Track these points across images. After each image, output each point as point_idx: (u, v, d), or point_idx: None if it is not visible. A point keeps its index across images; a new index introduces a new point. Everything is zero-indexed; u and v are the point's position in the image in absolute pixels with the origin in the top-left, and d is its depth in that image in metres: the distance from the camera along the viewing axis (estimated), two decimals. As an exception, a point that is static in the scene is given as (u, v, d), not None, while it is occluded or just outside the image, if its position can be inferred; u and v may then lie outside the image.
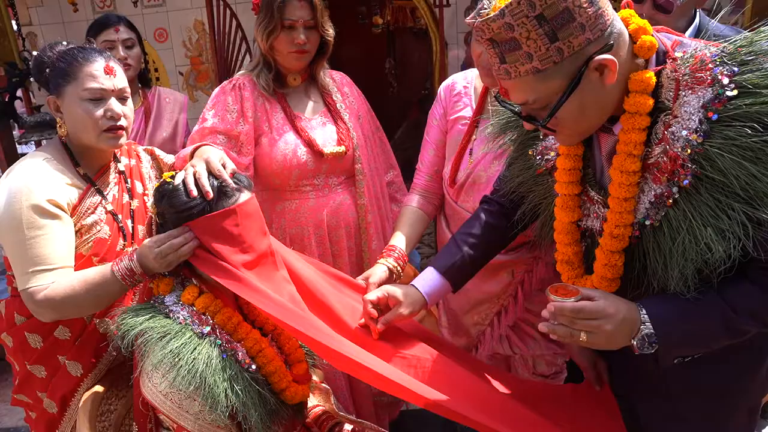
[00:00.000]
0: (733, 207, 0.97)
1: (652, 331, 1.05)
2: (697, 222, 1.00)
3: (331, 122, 2.02)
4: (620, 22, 1.04)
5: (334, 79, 2.10)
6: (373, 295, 1.43)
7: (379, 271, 1.61)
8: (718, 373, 1.19)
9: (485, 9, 1.00)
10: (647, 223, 1.08)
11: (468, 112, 1.82)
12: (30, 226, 1.40)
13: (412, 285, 1.46)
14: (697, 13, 1.77)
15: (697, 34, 1.70)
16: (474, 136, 1.79)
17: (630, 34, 1.05)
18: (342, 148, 1.96)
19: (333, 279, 1.59)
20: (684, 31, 1.72)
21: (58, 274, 1.42)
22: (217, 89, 1.99)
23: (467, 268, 1.49)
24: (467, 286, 1.89)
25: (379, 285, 1.55)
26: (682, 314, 1.05)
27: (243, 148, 1.91)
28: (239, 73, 2.06)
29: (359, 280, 1.61)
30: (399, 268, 1.67)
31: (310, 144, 1.93)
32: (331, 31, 1.93)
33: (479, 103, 1.78)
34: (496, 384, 1.43)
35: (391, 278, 1.63)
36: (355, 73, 2.17)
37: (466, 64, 3.76)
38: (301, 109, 2.01)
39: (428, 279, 1.46)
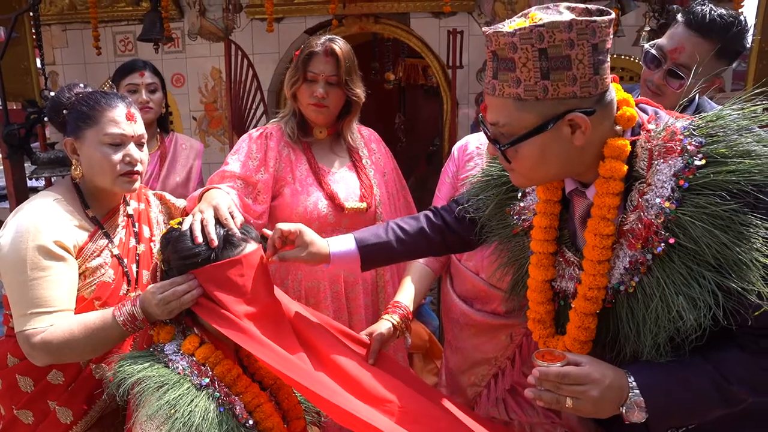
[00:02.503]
0: (704, 275, 0.99)
1: (641, 398, 1.04)
2: (670, 290, 1.02)
3: (355, 177, 2.02)
4: (613, 97, 1.07)
5: (362, 135, 2.12)
6: (286, 226, 1.43)
7: (383, 326, 1.59)
8: None
9: (503, 26, 1.04)
10: (621, 288, 1.10)
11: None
12: (34, 266, 1.38)
13: (327, 240, 1.47)
14: (696, 96, 1.81)
15: (695, 113, 1.74)
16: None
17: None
18: (363, 205, 1.96)
19: (337, 333, 1.56)
20: (684, 111, 1.76)
21: (57, 317, 1.39)
22: (245, 135, 2.02)
23: (382, 256, 1.51)
24: (465, 345, 1.88)
25: (383, 341, 1.53)
26: (672, 381, 1.04)
27: (259, 197, 1.92)
28: (272, 121, 2.09)
29: (363, 335, 1.59)
30: (403, 325, 1.64)
31: (331, 197, 1.93)
32: (358, 92, 1.95)
33: None
34: None
35: (395, 334, 1.61)
36: (365, 126, 2.20)
37: (476, 124, 3.83)
38: (326, 162, 2.02)
39: (343, 243, 1.48)
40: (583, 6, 1.04)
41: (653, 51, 1.70)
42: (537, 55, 0.99)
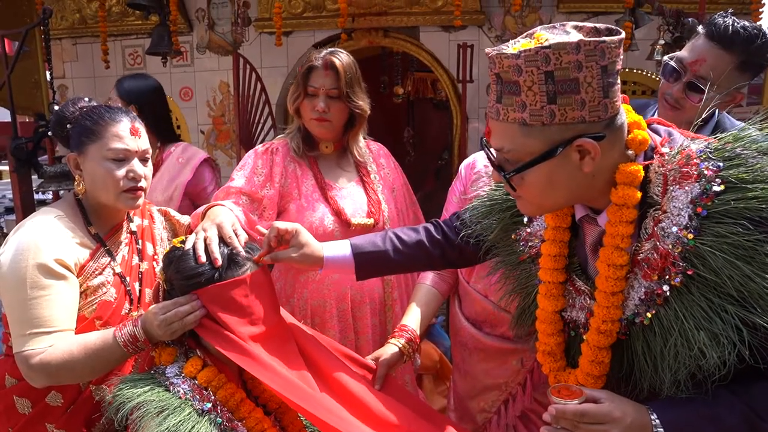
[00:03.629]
0: (726, 309, 0.93)
1: None
2: (690, 324, 0.96)
3: (362, 193, 1.98)
4: (624, 121, 1.03)
5: (371, 150, 2.09)
6: (283, 224, 1.39)
7: (389, 350, 1.55)
8: None
9: (507, 47, 0.99)
10: (636, 320, 1.05)
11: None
12: (33, 285, 1.35)
13: (322, 244, 1.43)
14: (716, 112, 1.75)
15: (714, 132, 1.68)
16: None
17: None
18: (371, 221, 1.92)
19: (342, 357, 1.52)
20: (702, 128, 1.70)
21: (57, 337, 1.36)
22: (250, 151, 2.00)
23: (378, 266, 1.46)
24: (474, 369, 1.83)
25: (390, 366, 1.50)
26: (698, 419, 0.98)
27: (265, 213, 1.88)
28: (278, 136, 2.06)
29: (369, 359, 1.55)
30: (410, 349, 1.60)
31: (338, 213, 1.90)
32: (361, 104, 1.91)
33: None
34: None
35: (402, 359, 1.57)
36: (374, 139, 2.16)
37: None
38: (333, 177, 1.99)
39: (338, 249, 1.43)
40: (591, 25, 1.00)
41: (672, 63, 1.65)
42: (543, 79, 0.94)
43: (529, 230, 1.28)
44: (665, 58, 1.67)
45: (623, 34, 0.97)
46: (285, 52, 3.92)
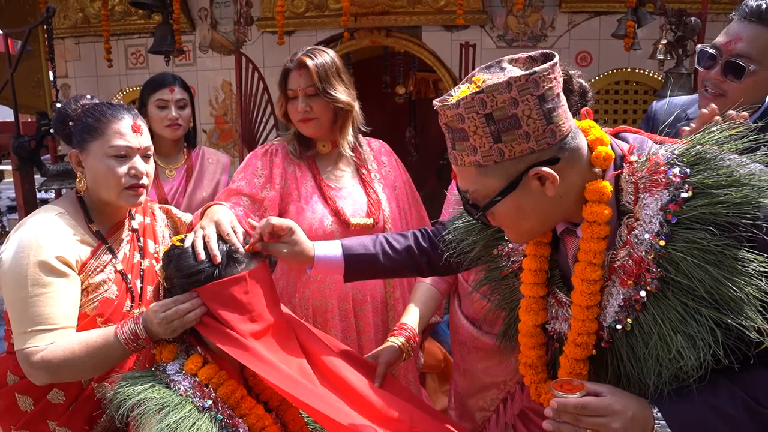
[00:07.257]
0: (700, 312, 0.96)
1: (667, 430, 0.99)
2: (667, 327, 0.99)
3: (362, 192, 1.97)
4: (580, 138, 1.04)
5: (372, 148, 2.08)
6: (278, 220, 1.40)
7: (389, 349, 1.55)
8: None
9: (450, 95, 1.03)
10: (618, 327, 1.06)
11: None
12: (34, 283, 1.35)
13: (314, 243, 1.44)
14: (766, 98, 1.64)
15: (762, 118, 1.60)
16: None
17: (588, 145, 1.07)
18: (370, 220, 1.91)
19: (342, 354, 1.52)
20: (752, 115, 1.61)
21: (58, 334, 1.36)
22: (251, 153, 2.00)
23: (367, 268, 1.48)
24: (473, 368, 1.84)
25: (389, 364, 1.50)
26: (700, 410, 0.99)
27: (266, 214, 1.87)
28: (278, 138, 2.07)
29: (368, 358, 1.55)
30: (410, 347, 1.60)
31: (337, 214, 1.89)
32: (339, 97, 1.86)
33: None
34: None
35: (401, 357, 1.57)
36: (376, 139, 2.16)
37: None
38: (332, 177, 1.98)
39: (330, 249, 1.44)
40: (526, 55, 1.03)
41: (707, 48, 1.57)
42: (484, 122, 0.98)
43: (510, 245, 1.30)
44: (699, 46, 1.61)
45: (556, 58, 1.00)
46: (287, 52, 3.91)
